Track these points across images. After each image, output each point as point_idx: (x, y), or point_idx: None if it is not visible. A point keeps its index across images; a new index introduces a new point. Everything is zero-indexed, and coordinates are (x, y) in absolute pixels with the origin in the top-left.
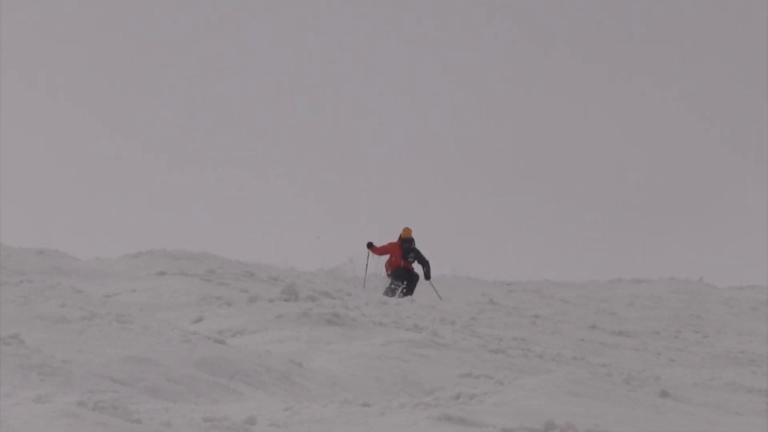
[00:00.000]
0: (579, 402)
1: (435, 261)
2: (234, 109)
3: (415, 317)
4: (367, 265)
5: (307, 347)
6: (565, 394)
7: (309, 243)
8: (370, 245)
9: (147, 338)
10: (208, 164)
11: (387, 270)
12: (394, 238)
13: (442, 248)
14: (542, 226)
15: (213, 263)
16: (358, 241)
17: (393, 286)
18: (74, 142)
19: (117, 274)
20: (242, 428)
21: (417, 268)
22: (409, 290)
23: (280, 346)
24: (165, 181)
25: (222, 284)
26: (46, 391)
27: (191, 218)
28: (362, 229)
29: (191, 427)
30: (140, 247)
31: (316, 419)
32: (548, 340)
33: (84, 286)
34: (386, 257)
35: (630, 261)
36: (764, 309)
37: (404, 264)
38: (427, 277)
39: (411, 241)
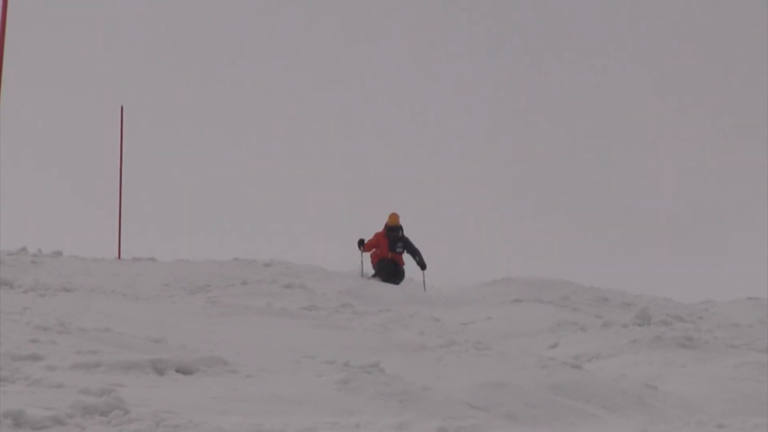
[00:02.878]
0: None
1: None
2: None
3: (767, 339)
4: (362, 261)
5: (661, 370)
6: None
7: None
8: (361, 243)
9: (504, 364)
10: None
11: (372, 262)
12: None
13: None
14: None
15: (567, 289)
16: None
17: (376, 277)
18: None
19: (472, 302)
20: None
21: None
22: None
23: (635, 369)
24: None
25: (576, 310)
26: (407, 418)
27: (542, 245)
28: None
29: None
30: (495, 275)
31: None
32: None
33: (440, 314)
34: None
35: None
36: None
37: (391, 256)
38: (423, 266)
39: (397, 228)
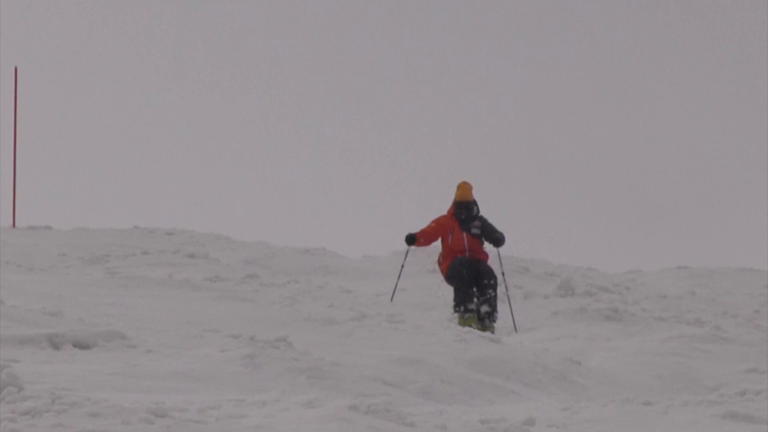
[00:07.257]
0: None
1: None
2: None
3: (696, 311)
4: (402, 268)
5: (585, 344)
6: None
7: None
8: (411, 240)
9: (419, 338)
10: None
11: (441, 269)
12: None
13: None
14: None
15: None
16: None
17: (456, 300)
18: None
19: (386, 273)
20: (520, 430)
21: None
22: (484, 296)
23: (557, 343)
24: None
25: None
26: (316, 395)
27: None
28: None
29: (467, 429)
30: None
31: (596, 419)
32: None
33: (352, 286)
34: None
35: None
36: None
37: (468, 246)
38: (498, 243)
39: (470, 206)
